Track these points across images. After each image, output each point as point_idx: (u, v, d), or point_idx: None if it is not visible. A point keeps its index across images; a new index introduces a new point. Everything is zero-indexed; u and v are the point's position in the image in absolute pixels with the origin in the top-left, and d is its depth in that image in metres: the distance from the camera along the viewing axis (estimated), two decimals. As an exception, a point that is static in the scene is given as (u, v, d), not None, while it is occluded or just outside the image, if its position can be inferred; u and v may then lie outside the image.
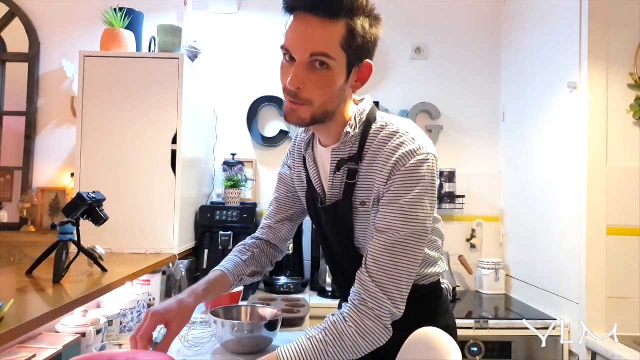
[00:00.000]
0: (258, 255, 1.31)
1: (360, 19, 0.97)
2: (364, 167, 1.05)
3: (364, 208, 1.06)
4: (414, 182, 0.99)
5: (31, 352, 1.15)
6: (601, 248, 1.88)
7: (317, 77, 0.97)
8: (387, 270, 0.98)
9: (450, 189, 2.60)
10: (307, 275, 2.52)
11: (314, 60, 0.96)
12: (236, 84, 2.73)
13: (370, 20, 0.99)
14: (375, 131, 1.06)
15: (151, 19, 2.32)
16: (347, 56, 0.97)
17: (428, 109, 2.72)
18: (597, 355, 1.80)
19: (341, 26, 0.95)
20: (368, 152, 1.05)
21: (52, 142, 2.64)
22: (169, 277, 2.11)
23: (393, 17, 2.72)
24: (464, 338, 2.01)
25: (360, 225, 1.08)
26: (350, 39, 0.96)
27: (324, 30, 0.94)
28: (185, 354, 1.42)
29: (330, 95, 1.00)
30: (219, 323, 1.41)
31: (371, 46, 1.01)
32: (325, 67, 0.96)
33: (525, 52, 2.47)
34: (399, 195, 0.99)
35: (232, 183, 2.40)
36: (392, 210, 0.99)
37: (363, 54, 1.00)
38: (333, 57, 0.96)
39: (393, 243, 0.98)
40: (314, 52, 0.95)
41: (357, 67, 1.01)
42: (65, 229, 1.41)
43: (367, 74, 1.04)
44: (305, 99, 0.99)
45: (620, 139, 1.91)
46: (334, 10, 0.94)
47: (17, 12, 2.65)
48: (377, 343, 0.98)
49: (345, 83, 1.01)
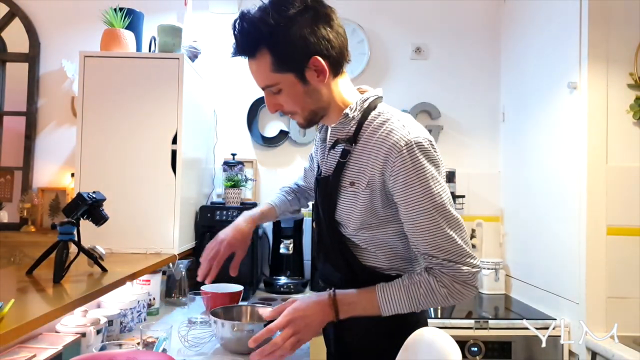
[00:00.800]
0: (300, 196, 1.54)
1: (277, 36, 1.05)
2: (357, 150, 1.14)
3: (352, 188, 1.13)
4: (414, 167, 1.06)
5: (31, 352, 1.15)
6: (601, 248, 1.88)
7: (281, 97, 1.12)
8: (446, 247, 1.08)
9: (450, 189, 2.59)
10: (307, 275, 2.52)
11: (268, 90, 1.12)
12: (236, 84, 2.73)
13: (287, 28, 1.05)
14: (372, 117, 1.14)
15: (151, 19, 2.32)
16: (286, 71, 1.08)
17: (428, 109, 2.73)
18: (597, 355, 1.80)
19: (264, 56, 1.07)
20: (363, 135, 1.13)
21: (52, 142, 2.64)
22: (169, 277, 2.12)
23: (393, 17, 2.72)
24: (464, 338, 2.01)
25: (344, 203, 1.16)
26: (278, 60, 1.07)
27: (256, 67, 1.10)
28: (185, 354, 1.42)
29: (303, 101, 1.12)
30: (219, 323, 1.41)
31: (303, 46, 1.06)
32: (278, 90, 1.10)
33: (525, 52, 2.47)
34: (409, 185, 1.07)
35: (232, 183, 2.40)
36: (415, 199, 1.07)
37: (300, 59, 1.07)
38: (275, 82, 1.09)
39: (433, 224, 1.07)
40: (262, 87, 1.13)
41: (307, 69, 1.08)
42: (65, 229, 1.41)
43: (321, 66, 1.08)
44: (289, 112, 1.15)
45: (620, 139, 1.91)
46: (248, 49, 1.09)
47: (17, 12, 2.65)
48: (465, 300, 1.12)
49: (307, 85, 1.10)
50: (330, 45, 1.08)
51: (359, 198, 1.13)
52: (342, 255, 1.20)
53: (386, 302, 1.10)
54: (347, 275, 1.20)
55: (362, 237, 1.17)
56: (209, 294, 1.80)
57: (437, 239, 1.08)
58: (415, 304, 1.10)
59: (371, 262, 1.19)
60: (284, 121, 2.74)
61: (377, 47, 2.74)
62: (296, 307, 1.12)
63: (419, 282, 1.10)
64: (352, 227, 1.16)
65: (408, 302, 1.10)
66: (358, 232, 1.17)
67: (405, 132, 1.08)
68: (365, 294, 1.12)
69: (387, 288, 1.11)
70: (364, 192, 1.12)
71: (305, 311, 1.11)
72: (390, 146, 1.07)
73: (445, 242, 1.08)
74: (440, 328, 1.14)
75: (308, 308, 1.12)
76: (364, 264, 1.19)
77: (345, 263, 1.20)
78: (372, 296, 1.11)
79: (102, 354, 1.17)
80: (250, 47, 1.08)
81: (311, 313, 1.11)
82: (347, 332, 1.22)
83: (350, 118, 1.14)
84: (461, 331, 2.02)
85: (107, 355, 1.12)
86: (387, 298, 1.10)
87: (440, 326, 1.91)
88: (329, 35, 1.08)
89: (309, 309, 1.11)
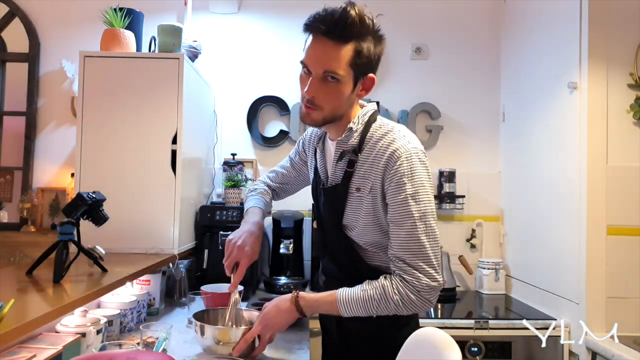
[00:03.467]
0: (273, 195, 1.64)
1: (366, 41, 1.17)
2: (362, 159, 1.25)
3: (358, 194, 1.25)
4: (410, 172, 1.17)
5: (31, 352, 1.15)
6: (601, 248, 1.88)
7: (328, 88, 1.18)
8: (415, 252, 1.17)
9: (450, 189, 2.60)
10: (307, 275, 2.52)
11: (326, 75, 1.17)
12: (236, 84, 2.73)
13: (375, 40, 1.19)
14: (374, 129, 1.27)
15: (151, 19, 2.32)
16: (353, 72, 1.18)
17: (428, 109, 2.72)
18: (597, 355, 1.80)
19: (350, 48, 1.15)
20: (366, 146, 1.25)
21: (52, 142, 2.64)
22: (169, 277, 2.11)
23: (393, 17, 2.72)
24: (464, 338, 2.01)
25: (351, 208, 1.27)
26: (357, 59, 1.17)
27: (336, 52, 1.15)
28: (185, 354, 1.42)
29: (339, 103, 1.22)
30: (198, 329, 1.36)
31: (374, 63, 1.22)
32: (335, 80, 1.17)
33: (525, 52, 2.47)
34: (401, 187, 1.17)
35: (232, 183, 2.40)
36: (402, 200, 1.17)
37: (367, 70, 1.21)
38: (342, 74, 1.17)
39: (412, 226, 1.16)
40: (327, 70, 1.16)
41: (362, 79, 1.22)
42: (65, 229, 1.41)
43: (370, 85, 1.25)
44: (318, 105, 1.21)
45: (620, 139, 1.91)
46: (346, 36, 1.14)
47: (17, 12, 2.66)
48: (417, 311, 1.20)
49: (352, 93, 1.22)
50: None
51: (363, 202, 1.24)
52: (348, 256, 1.30)
53: (344, 305, 1.21)
54: (352, 273, 1.29)
55: (367, 239, 1.27)
56: (209, 294, 1.79)
57: (411, 242, 1.17)
58: (369, 309, 1.19)
59: (376, 261, 1.28)
60: (284, 121, 2.74)
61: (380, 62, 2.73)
62: (266, 313, 1.30)
63: (375, 287, 1.19)
64: (357, 229, 1.26)
65: (363, 306, 1.19)
66: (363, 234, 1.26)
67: (405, 142, 1.21)
68: (326, 297, 1.24)
69: (346, 292, 1.21)
70: (368, 197, 1.23)
71: (275, 318, 1.28)
72: (391, 153, 1.19)
73: (416, 247, 1.16)
74: (440, 328, 1.14)
75: (277, 314, 1.28)
76: (370, 263, 1.29)
77: (351, 262, 1.30)
78: (332, 299, 1.22)
79: (102, 354, 1.17)
80: (348, 34, 1.15)
81: (280, 316, 1.28)
82: (348, 321, 1.29)
83: (354, 131, 1.26)
84: (461, 331, 2.02)
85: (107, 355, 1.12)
86: (345, 302, 1.21)
87: (440, 326, 1.91)
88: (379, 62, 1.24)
89: (278, 315, 1.28)
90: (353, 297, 1.20)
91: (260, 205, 1.53)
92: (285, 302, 1.28)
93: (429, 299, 1.17)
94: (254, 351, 1.32)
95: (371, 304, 1.18)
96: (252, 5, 2.76)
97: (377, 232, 1.25)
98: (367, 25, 1.16)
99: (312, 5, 1.22)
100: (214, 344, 1.32)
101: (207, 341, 1.34)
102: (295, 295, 1.27)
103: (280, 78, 2.72)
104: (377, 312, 1.19)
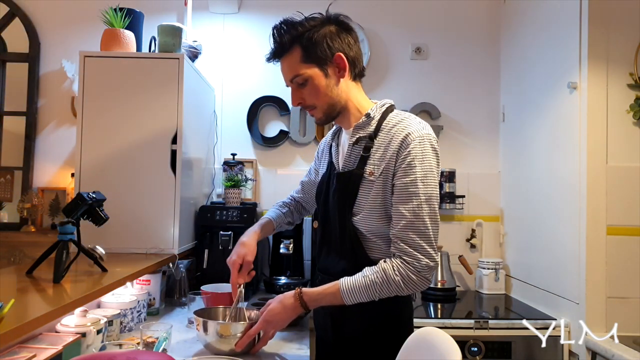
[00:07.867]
0: (293, 210, 1.69)
1: (305, 36, 1.28)
2: (377, 144, 1.31)
3: (371, 177, 1.29)
4: (422, 155, 1.24)
5: (31, 352, 1.15)
6: (601, 248, 1.88)
7: (306, 90, 1.32)
8: (418, 231, 1.22)
9: (450, 189, 2.60)
10: (307, 275, 2.52)
11: (295, 81, 1.32)
12: (236, 84, 2.73)
13: (315, 28, 1.28)
14: (391, 117, 1.34)
15: (151, 19, 2.32)
16: (314, 64, 1.29)
17: (428, 109, 2.72)
18: (597, 355, 1.80)
19: (294, 51, 1.29)
20: (382, 132, 1.31)
21: (52, 142, 2.64)
22: (169, 277, 2.12)
23: (393, 17, 2.72)
24: (464, 338, 2.01)
25: (363, 192, 1.31)
26: (306, 53, 1.29)
27: (288, 62, 1.32)
28: (185, 354, 1.42)
29: (325, 94, 1.31)
30: (201, 326, 1.38)
31: (330, 43, 1.29)
32: (304, 80, 1.30)
33: (525, 52, 2.47)
34: (412, 168, 1.23)
35: (232, 183, 2.40)
36: (411, 181, 1.23)
37: (327, 53, 1.29)
38: (303, 72, 1.29)
39: (418, 206, 1.22)
40: (291, 77, 1.32)
41: (330, 63, 1.30)
42: (65, 229, 1.41)
43: (342, 62, 1.30)
44: (310, 105, 1.34)
45: (620, 139, 1.91)
46: (284, 48, 1.30)
47: (17, 12, 2.66)
48: (416, 291, 1.25)
49: (329, 79, 1.31)
50: (350, 48, 1.31)
51: (373, 185, 1.29)
52: (350, 245, 1.32)
53: (347, 293, 1.24)
54: (351, 264, 1.31)
55: (370, 226, 1.30)
56: (209, 294, 1.80)
57: (416, 221, 1.22)
58: (372, 293, 1.23)
59: (375, 254, 1.31)
60: (284, 121, 2.74)
61: (377, 47, 2.74)
62: (270, 309, 1.33)
63: (375, 272, 1.24)
64: (363, 214, 1.29)
65: (366, 291, 1.23)
66: (367, 219, 1.29)
67: (420, 127, 1.28)
68: (329, 289, 1.28)
69: (348, 280, 1.26)
70: (379, 180, 1.28)
71: (279, 314, 1.32)
72: (405, 136, 1.26)
73: (420, 226, 1.22)
74: (440, 328, 1.15)
75: (282, 310, 1.32)
76: (370, 255, 1.31)
77: (352, 252, 1.32)
78: (335, 290, 1.26)
79: (102, 354, 1.17)
80: (286, 43, 1.29)
81: (284, 312, 1.32)
82: (343, 321, 1.35)
83: (372, 117, 1.33)
84: (461, 331, 2.02)
85: (107, 355, 1.12)
86: (348, 289, 1.24)
87: (440, 326, 1.91)
88: (349, 40, 1.32)
89: (282, 311, 1.32)
90: (355, 284, 1.24)
91: (271, 216, 1.62)
92: (289, 299, 1.32)
93: (427, 277, 1.23)
94: (254, 346, 1.36)
95: (374, 288, 1.23)
96: (252, 5, 2.76)
97: (381, 218, 1.28)
98: (296, 26, 1.28)
99: (312, 5, 1.23)
100: (217, 338, 1.34)
101: (209, 337, 1.35)
102: (298, 291, 1.31)
103: (280, 78, 2.66)
104: (379, 296, 1.24)
